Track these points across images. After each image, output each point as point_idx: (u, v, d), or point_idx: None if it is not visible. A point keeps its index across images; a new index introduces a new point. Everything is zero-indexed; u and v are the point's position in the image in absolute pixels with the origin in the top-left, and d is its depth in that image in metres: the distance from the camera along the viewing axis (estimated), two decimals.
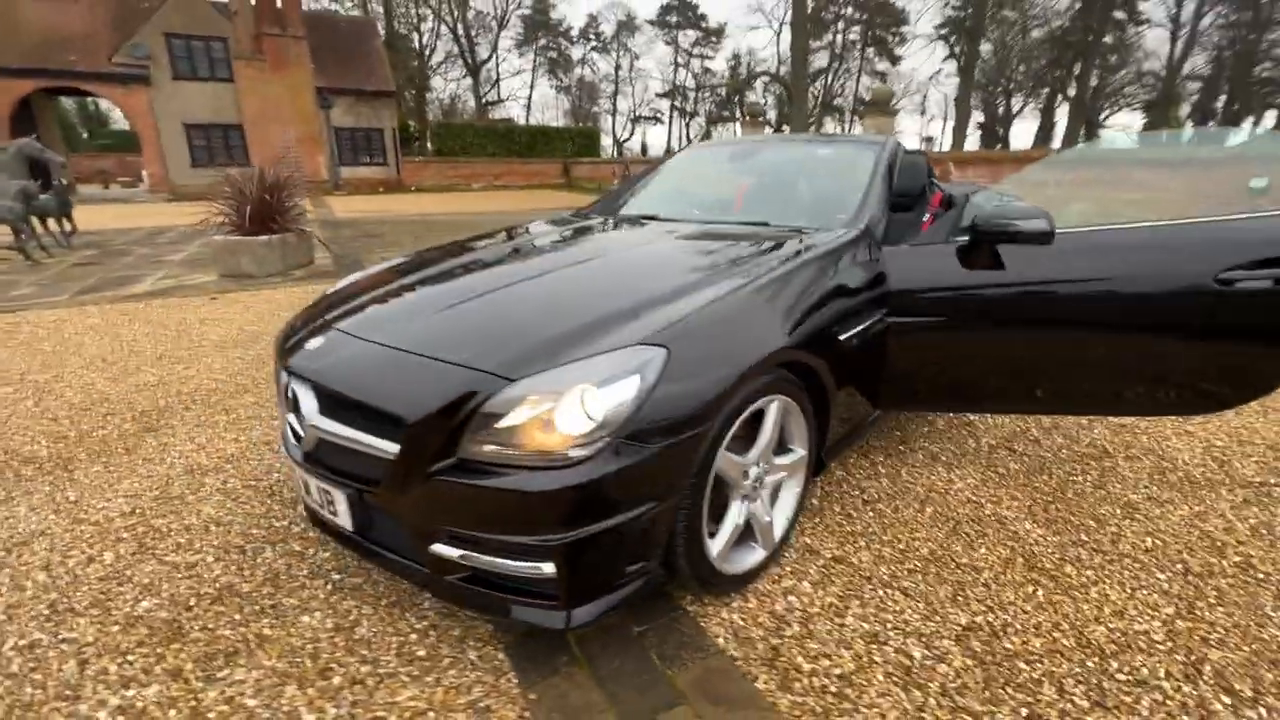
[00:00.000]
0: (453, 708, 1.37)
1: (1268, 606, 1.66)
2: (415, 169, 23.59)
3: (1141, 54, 38.19)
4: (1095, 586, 1.74)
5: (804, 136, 3.26)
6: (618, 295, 1.66)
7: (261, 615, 1.66)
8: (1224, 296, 1.83)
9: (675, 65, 53.27)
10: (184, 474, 2.42)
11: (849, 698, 1.39)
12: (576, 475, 1.28)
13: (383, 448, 1.41)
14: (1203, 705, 1.36)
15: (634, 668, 1.47)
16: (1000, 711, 1.35)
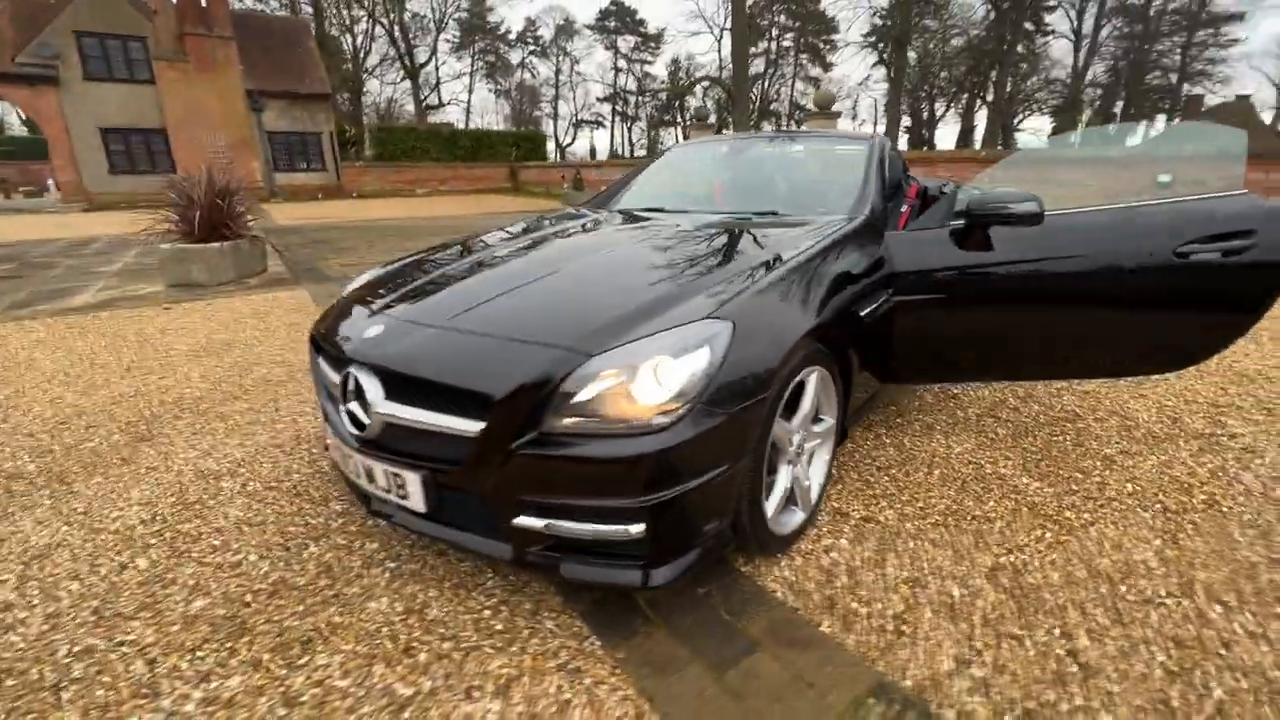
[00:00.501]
0: (544, 671, 1.43)
1: (1236, 534, 1.91)
2: (356, 174, 22.84)
3: (1049, 62, 41.21)
4: (1094, 526, 1.95)
5: (797, 133, 3.44)
6: (668, 277, 1.76)
7: (326, 605, 1.66)
8: (1182, 268, 2.09)
9: (615, 70, 53.63)
10: (196, 480, 2.35)
11: (905, 633, 1.53)
12: (662, 440, 1.37)
13: (463, 427, 1.46)
14: (1201, 614, 1.57)
15: (706, 623, 1.57)
16: (1036, 633, 1.52)
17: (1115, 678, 1.39)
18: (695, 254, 2.00)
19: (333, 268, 7.45)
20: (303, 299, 5.67)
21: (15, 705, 1.36)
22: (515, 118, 52.39)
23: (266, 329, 4.60)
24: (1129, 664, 1.43)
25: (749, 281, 1.68)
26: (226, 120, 19.46)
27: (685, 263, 1.91)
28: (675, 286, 1.68)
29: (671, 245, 2.12)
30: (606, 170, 20.50)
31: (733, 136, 3.38)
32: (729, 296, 1.60)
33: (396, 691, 1.38)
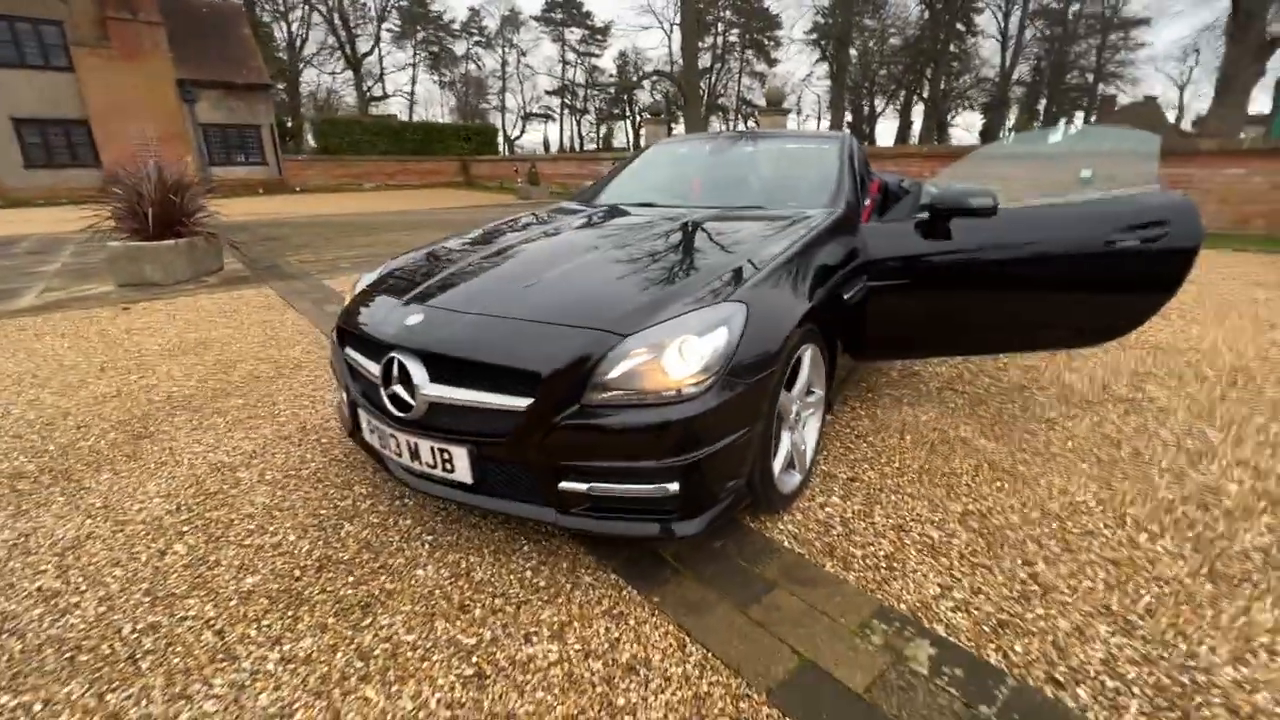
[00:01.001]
0: (591, 617, 1.61)
1: (1156, 478, 2.26)
2: (299, 168, 22.01)
3: (979, 62, 43.30)
4: (1043, 477, 2.27)
5: (771, 132, 3.67)
6: (682, 264, 1.95)
7: (375, 575, 1.79)
8: (1110, 255, 2.42)
9: (563, 63, 53.20)
10: (212, 472, 2.40)
11: (896, 569, 1.79)
12: (692, 408, 1.57)
13: (510, 404, 1.62)
14: (1131, 540, 1.89)
15: (727, 570, 1.78)
16: (1003, 562, 1.80)
17: (1067, 592, 1.68)
18: (700, 244, 2.20)
19: (293, 265, 7.29)
20: (270, 297, 5.58)
21: (97, 675, 1.45)
22: (461, 110, 51.31)
23: (240, 327, 4.55)
24: (1077, 581, 1.72)
25: (755, 269, 1.89)
26: (156, 111, 18.43)
27: (694, 252, 2.11)
28: (691, 274, 1.88)
29: (676, 237, 2.31)
30: (561, 164, 20.48)
31: (713, 135, 3.59)
32: (741, 282, 1.80)
33: (461, 641, 1.54)
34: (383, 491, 2.23)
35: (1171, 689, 1.37)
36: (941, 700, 1.35)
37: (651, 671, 1.44)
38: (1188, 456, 2.41)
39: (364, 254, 7.94)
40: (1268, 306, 4.70)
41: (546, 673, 1.44)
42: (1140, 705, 1.33)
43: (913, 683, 1.40)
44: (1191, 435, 2.59)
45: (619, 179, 3.45)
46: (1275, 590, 1.68)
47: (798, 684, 1.39)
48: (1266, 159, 8.22)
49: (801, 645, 1.50)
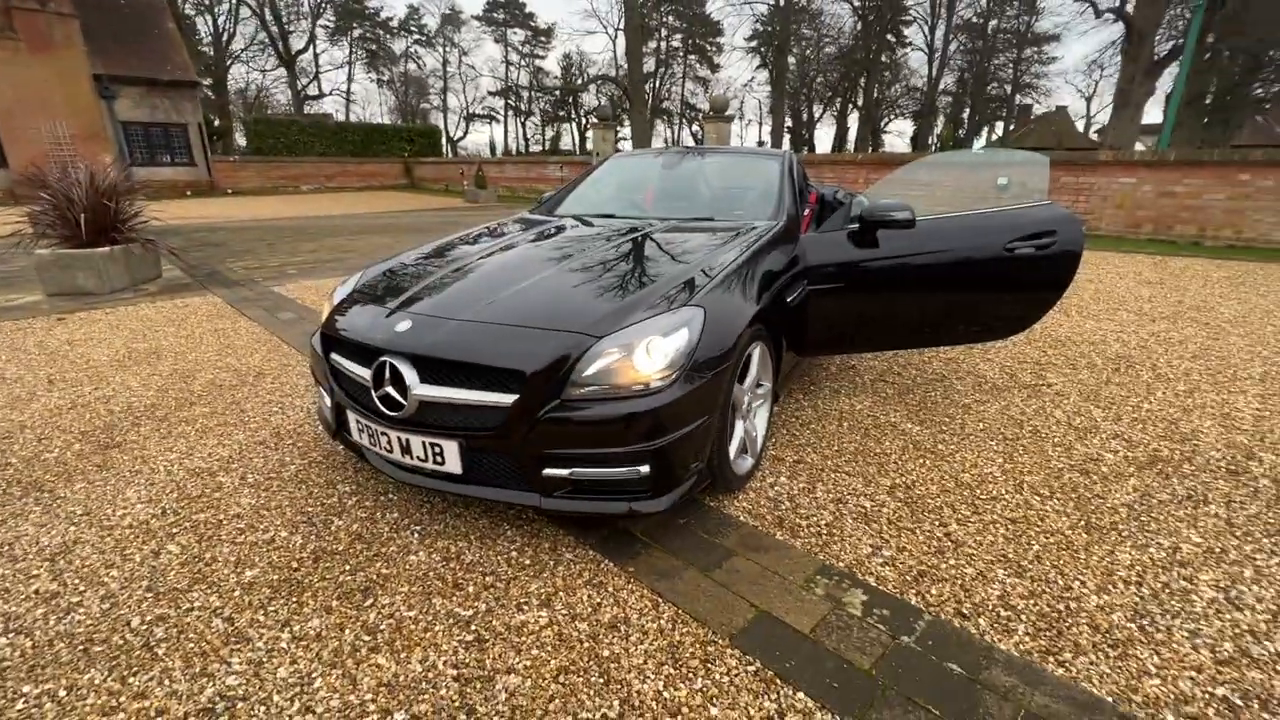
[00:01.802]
0: (575, 587, 1.82)
1: (1049, 451, 2.64)
2: (230, 170, 21.09)
3: (908, 72, 45.49)
4: (958, 453, 2.62)
5: (719, 148, 3.95)
6: (645, 272, 2.18)
7: (370, 563, 1.94)
8: (1009, 260, 2.81)
9: (506, 64, 52.69)
10: (191, 478, 2.47)
11: (835, 534, 2.07)
12: (660, 399, 1.80)
13: (498, 400, 1.81)
14: (1027, 503, 2.25)
15: (691, 542, 2.03)
16: (923, 525, 2.12)
17: (974, 545, 2.00)
18: (658, 253, 2.44)
19: (237, 271, 7.13)
20: (218, 306, 5.49)
21: (115, 662, 1.56)
22: (401, 110, 50.06)
23: (191, 337, 4.50)
24: (983, 537, 2.05)
25: (709, 277, 2.14)
26: (70, 108, 17.30)
27: (654, 260, 2.35)
28: (653, 281, 2.11)
29: (637, 246, 2.54)
30: (508, 167, 20.42)
31: (664, 150, 3.84)
32: (698, 288, 2.05)
33: (458, 613, 1.72)
34: (367, 489, 2.37)
35: (1050, 614, 1.70)
36: (871, 635, 1.63)
37: (630, 627, 1.66)
38: (1076, 433, 2.82)
39: (312, 260, 7.82)
40: (1152, 302, 5.34)
41: (539, 634, 1.64)
42: (1025, 627, 1.65)
43: (849, 623, 1.67)
44: (1080, 414, 3.01)
45: (579, 190, 3.65)
46: (1134, 536, 2.05)
47: (755, 630, 1.65)
48: (1154, 169, 9.17)
49: (757, 599, 1.76)
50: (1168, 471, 2.47)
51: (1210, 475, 2.44)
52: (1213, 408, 3.09)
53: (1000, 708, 1.41)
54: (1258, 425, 2.88)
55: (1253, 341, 4.18)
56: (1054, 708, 1.41)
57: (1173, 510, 2.20)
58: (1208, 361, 3.77)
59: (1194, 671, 1.51)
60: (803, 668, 1.52)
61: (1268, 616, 1.69)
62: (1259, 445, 2.68)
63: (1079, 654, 1.56)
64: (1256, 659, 1.55)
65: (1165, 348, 4.05)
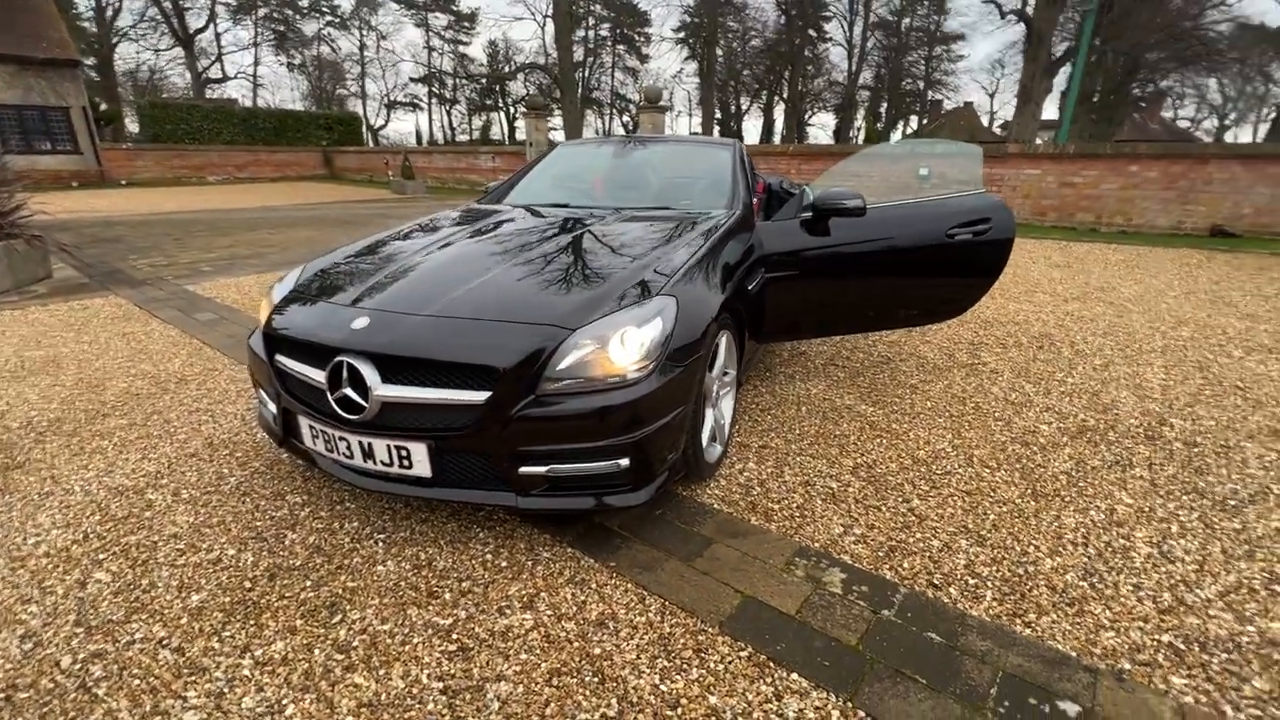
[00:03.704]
0: (556, 586, 1.78)
1: (992, 425, 2.81)
2: (123, 159, 19.25)
3: (830, 66, 47.06)
4: (911, 431, 2.74)
5: (668, 136, 3.94)
6: (613, 263, 2.14)
7: (334, 576, 1.82)
8: (950, 246, 2.95)
9: (429, 49, 50.64)
10: (115, 497, 2.24)
11: (807, 516, 2.12)
12: (639, 390, 1.77)
13: (468, 398, 1.73)
14: (978, 475, 2.38)
15: (669, 533, 2.02)
16: (888, 502, 2.20)
17: (935, 519, 2.10)
18: (623, 242, 2.40)
19: (142, 270, 6.53)
20: (123, 308, 5.01)
21: (46, 709, 1.39)
22: (315, 96, 47.21)
23: (96, 343, 4.08)
24: (943, 510, 2.15)
25: (677, 265, 2.13)
26: None
27: (620, 249, 2.31)
28: (622, 270, 2.07)
29: (600, 236, 2.49)
30: (436, 157, 19.68)
31: (614, 139, 3.79)
32: (669, 277, 2.03)
33: (437, 623, 1.64)
34: (320, 498, 2.22)
35: (1011, 579, 1.80)
36: (854, 611, 1.68)
37: (619, 623, 1.64)
38: (1013, 407, 3.01)
39: (228, 256, 7.27)
40: (1063, 284, 5.77)
41: (525, 637, 1.59)
42: (992, 593, 1.75)
43: (831, 601, 1.71)
44: (1014, 390, 3.22)
45: (528, 180, 3.55)
46: (1075, 501, 2.21)
47: (742, 615, 1.66)
48: (1056, 161, 9.90)
49: (741, 585, 1.78)
50: (1096, 440, 2.67)
51: (1132, 441, 2.66)
52: (1126, 380, 3.37)
53: (979, 671, 1.48)
54: (1165, 394, 3.17)
55: (1152, 319, 4.59)
56: (1026, 666, 1.49)
57: (1105, 475, 2.38)
58: (1116, 338, 4.12)
59: (1142, 622, 1.64)
60: (793, 649, 1.54)
61: (1195, 566, 1.86)
62: (1168, 412, 2.95)
63: (1042, 614, 1.67)
64: (1191, 606, 1.70)
65: (1079, 325, 4.39)
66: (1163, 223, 9.29)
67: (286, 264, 6.75)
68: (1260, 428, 2.78)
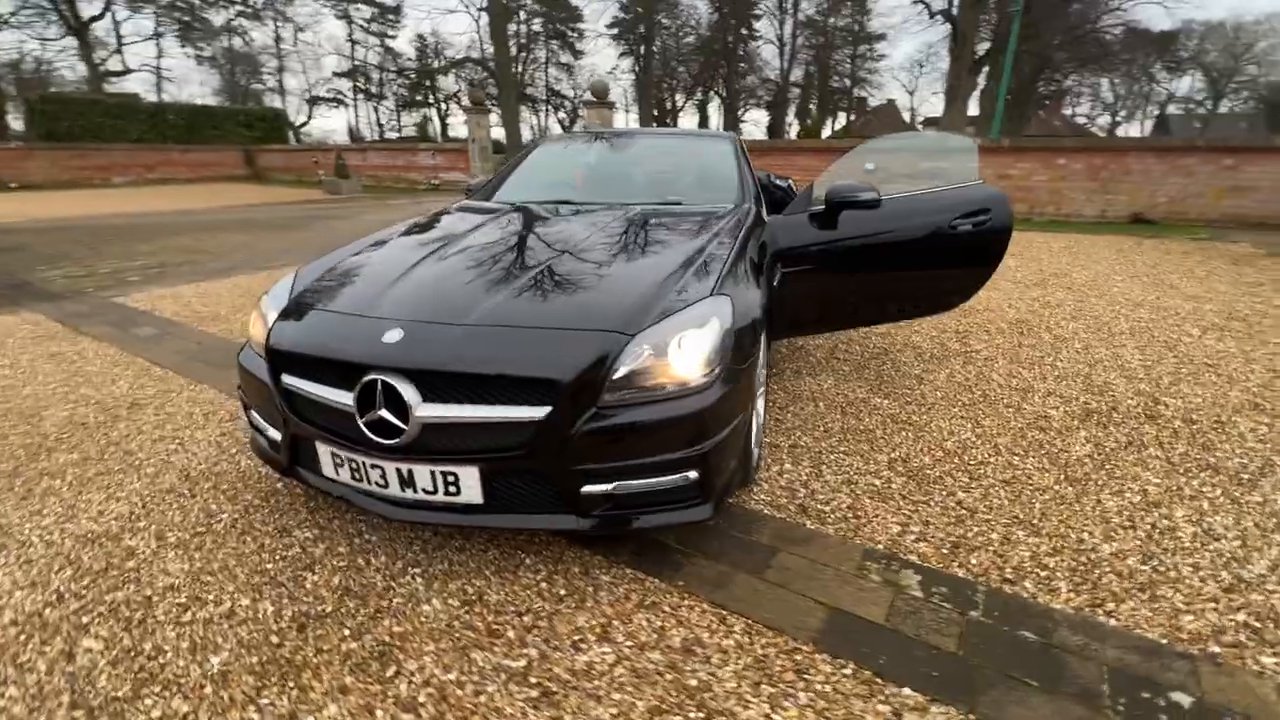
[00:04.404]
0: (627, 613, 1.65)
1: (1004, 412, 2.86)
2: (12, 159, 17.32)
3: (762, 63, 48.03)
4: (932, 423, 2.75)
5: (661, 131, 3.81)
6: (653, 262, 2.02)
7: (375, 622, 1.62)
8: (955, 236, 2.97)
9: (352, 43, 48.34)
10: (85, 546, 1.94)
11: (860, 516, 2.07)
12: (707, 398, 1.66)
13: (525, 415, 1.57)
14: (1011, 465, 2.39)
15: (729, 544, 1.92)
16: (934, 497, 2.18)
17: (985, 511, 2.09)
18: (655, 240, 2.28)
19: (56, 282, 5.86)
20: (43, 325, 4.46)
21: None
22: (229, 91, 44.20)
23: (18, 366, 3.60)
24: (990, 502, 2.15)
25: (720, 262, 2.02)
26: None
27: (655, 248, 2.19)
28: (665, 271, 1.94)
29: (629, 233, 2.34)
30: (371, 155, 18.78)
31: (605, 132, 3.64)
32: (718, 275, 1.92)
33: (508, 666, 1.48)
34: (334, 532, 2.00)
35: (1078, 568, 1.81)
36: (942, 614, 1.63)
37: (706, 649, 1.53)
38: (1018, 394, 3.08)
39: (155, 264, 6.64)
40: (1020, 271, 6.04)
41: (611, 674, 1.45)
42: (1066, 585, 1.74)
43: (915, 606, 1.66)
44: (1013, 376, 3.30)
45: (518, 177, 3.36)
46: (1108, 484, 2.26)
47: (832, 629, 1.58)
48: (993, 154, 10.40)
49: (820, 596, 1.70)
50: (1104, 422, 2.76)
51: (1136, 421, 2.76)
52: (1109, 362, 3.52)
53: (1084, 667, 1.46)
54: (1148, 374, 3.33)
55: (1109, 302, 4.85)
56: (1125, 658, 1.48)
57: (1124, 456, 2.46)
58: (1085, 321, 4.32)
59: (1212, 603, 1.67)
60: (895, 661, 1.48)
61: (1238, 543, 1.92)
62: (1159, 391, 3.09)
63: (1119, 602, 1.67)
64: (1250, 582, 1.75)
65: (1048, 311, 4.58)
66: (1088, 212, 9.93)
67: (227, 272, 6.23)
68: (1242, 403, 2.95)
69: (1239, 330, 4.07)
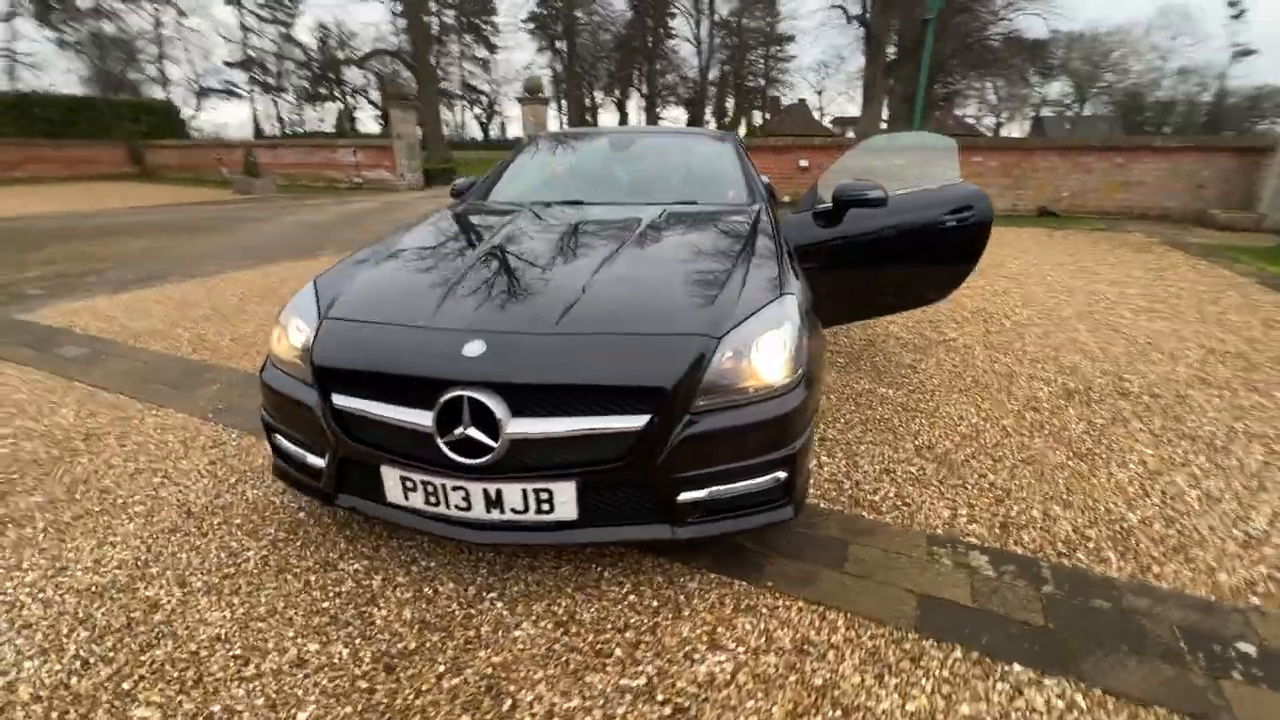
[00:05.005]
0: (727, 618, 1.63)
1: (998, 395, 3.05)
2: None
3: (681, 61, 48.74)
4: (939, 409, 2.90)
5: (657, 130, 3.78)
6: (707, 265, 2.00)
7: (469, 653, 1.52)
8: (942, 231, 3.14)
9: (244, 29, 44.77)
10: (93, 601, 1.70)
11: (910, 504, 2.15)
12: (795, 397, 1.67)
13: (625, 425, 1.52)
14: (1025, 446, 2.56)
15: (799, 541, 1.94)
16: (968, 480, 2.30)
17: (1019, 491, 2.23)
18: (699, 241, 2.25)
19: None
20: None
21: None
22: (101, 80, 39.80)
23: None
24: (1018, 481, 2.29)
25: (773, 262, 2.04)
26: None
27: (697, 249, 2.17)
28: (724, 272, 1.93)
29: (662, 234, 2.30)
30: (284, 151, 17.51)
31: (602, 130, 3.56)
32: (776, 275, 1.93)
33: (629, 685, 1.43)
34: (385, 561, 1.85)
35: (1116, 537, 1.96)
36: (1019, 591, 1.72)
37: (818, 646, 1.54)
38: (1004, 378, 3.30)
39: (52, 275, 5.89)
40: None
41: (735, 682, 1.44)
42: (1113, 554, 1.88)
43: (994, 586, 1.75)
44: (994, 361, 3.54)
45: (516, 177, 3.23)
46: (1113, 457, 2.46)
47: (929, 615, 1.63)
48: None
49: (905, 584, 1.75)
50: (1086, 401, 3.01)
51: (1112, 399, 3.03)
52: (1069, 345, 3.84)
53: (1158, 628, 1.59)
54: (1106, 354, 3.66)
55: (1047, 289, 5.29)
56: (1189, 618, 1.63)
57: (1115, 431, 2.69)
58: (1035, 309, 4.69)
59: (1237, 559, 1.86)
60: (996, 640, 1.55)
61: (1235, 503, 2.16)
62: (1120, 370, 3.41)
63: (1161, 565, 1.83)
64: (1259, 538, 1.96)
65: (1000, 299, 4.94)
66: (1001, 205, 10.76)
67: (147, 281, 5.63)
68: (1191, 378, 3.30)
69: (1164, 311, 4.56)
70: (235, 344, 3.91)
